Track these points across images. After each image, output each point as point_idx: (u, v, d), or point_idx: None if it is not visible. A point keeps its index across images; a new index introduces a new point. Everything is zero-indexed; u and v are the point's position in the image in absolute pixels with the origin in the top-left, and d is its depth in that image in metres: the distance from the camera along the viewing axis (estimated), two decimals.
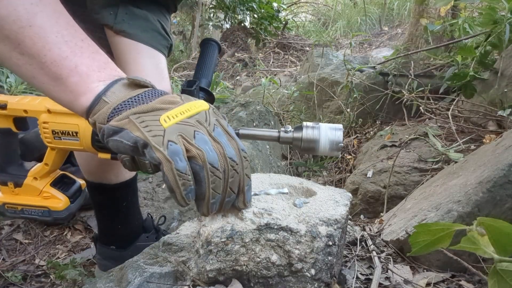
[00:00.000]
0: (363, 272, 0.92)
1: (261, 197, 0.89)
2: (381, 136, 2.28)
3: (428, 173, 1.71)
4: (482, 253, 0.63)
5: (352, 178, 1.97)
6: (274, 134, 0.71)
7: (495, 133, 1.79)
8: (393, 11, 6.82)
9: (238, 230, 0.75)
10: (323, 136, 0.69)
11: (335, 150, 0.69)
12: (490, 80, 2.00)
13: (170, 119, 0.57)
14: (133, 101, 0.59)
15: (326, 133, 0.69)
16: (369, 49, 5.39)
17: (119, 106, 0.58)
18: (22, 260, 1.52)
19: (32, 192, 0.78)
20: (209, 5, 6.23)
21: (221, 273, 0.76)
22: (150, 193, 1.78)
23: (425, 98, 2.34)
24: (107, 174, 1.18)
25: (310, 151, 0.71)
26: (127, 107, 0.58)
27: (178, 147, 0.54)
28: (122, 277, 0.86)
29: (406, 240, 0.99)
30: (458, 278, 0.91)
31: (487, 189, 0.96)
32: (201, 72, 0.85)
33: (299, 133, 0.69)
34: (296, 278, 0.74)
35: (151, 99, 0.59)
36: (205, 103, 0.61)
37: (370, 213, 1.81)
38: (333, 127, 0.70)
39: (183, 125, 0.57)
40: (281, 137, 0.70)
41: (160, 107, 0.58)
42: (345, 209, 0.84)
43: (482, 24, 2.09)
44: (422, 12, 3.07)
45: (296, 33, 6.50)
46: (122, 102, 0.58)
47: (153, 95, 0.60)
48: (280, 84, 3.44)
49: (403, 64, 2.69)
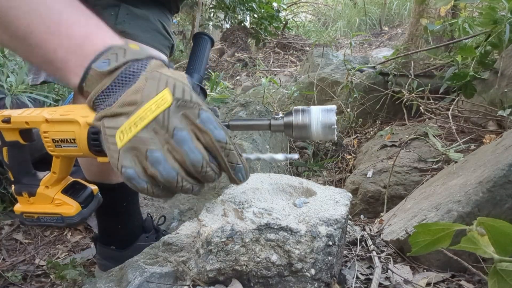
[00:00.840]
0: (363, 272, 0.92)
1: (261, 197, 0.89)
2: (381, 136, 2.28)
3: (428, 173, 1.71)
4: (482, 253, 0.63)
5: (352, 178, 1.97)
6: (264, 122, 0.67)
7: (495, 133, 1.79)
8: (393, 11, 6.82)
9: (238, 230, 0.75)
10: (314, 120, 0.64)
11: (329, 133, 0.65)
12: (490, 80, 2.00)
13: (124, 135, 0.53)
14: (102, 98, 0.56)
15: (317, 117, 0.64)
16: (369, 49, 5.39)
17: (95, 101, 0.57)
18: (22, 260, 1.52)
19: (45, 200, 0.80)
20: (209, 5, 6.23)
21: (221, 273, 0.76)
22: None
23: (425, 98, 2.34)
24: (107, 174, 1.18)
25: (303, 138, 0.67)
26: (99, 105, 0.57)
27: (132, 171, 0.52)
28: (122, 277, 0.86)
29: (406, 240, 0.99)
30: (458, 278, 0.91)
31: (487, 189, 0.96)
32: (192, 67, 0.83)
33: (289, 118, 0.65)
34: (296, 278, 0.74)
35: (116, 95, 0.55)
36: (168, 95, 0.53)
37: (370, 213, 1.81)
38: (325, 109, 0.65)
39: (136, 143, 0.52)
40: (272, 125, 0.66)
41: (119, 112, 0.54)
42: (345, 209, 0.84)
43: (482, 24, 2.09)
44: (422, 12, 3.07)
45: (296, 33, 6.50)
46: (95, 99, 0.57)
47: (118, 88, 0.55)
48: (280, 84, 3.44)
49: (403, 64, 2.69)
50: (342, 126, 2.68)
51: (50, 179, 0.78)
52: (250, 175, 1.08)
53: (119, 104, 0.54)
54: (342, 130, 2.67)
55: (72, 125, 0.69)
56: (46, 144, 0.72)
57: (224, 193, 0.91)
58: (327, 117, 0.64)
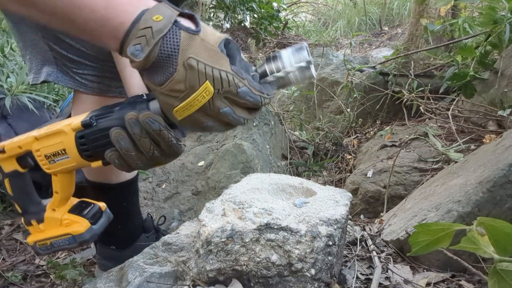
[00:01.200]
0: (363, 272, 0.92)
1: (261, 197, 0.89)
2: (381, 136, 2.28)
3: (428, 173, 1.71)
4: (482, 253, 0.63)
5: (352, 178, 1.97)
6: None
7: (495, 133, 1.79)
8: (393, 11, 6.82)
9: (238, 230, 0.75)
10: (288, 64, 0.62)
11: (307, 71, 0.63)
12: (490, 80, 2.00)
13: (179, 114, 0.61)
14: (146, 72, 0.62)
15: (289, 60, 0.62)
16: (369, 49, 5.39)
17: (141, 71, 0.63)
18: (22, 260, 1.52)
19: (54, 224, 0.80)
20: (209, 5, 6.23)
21: (221, 273, 0.76)
22: (150, 193, 1.78)
23: (425, 98, 2.34)
24: (107, 174, 1.18)
25: (284, 86, 0.66)
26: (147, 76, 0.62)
27: None
28: (122, 277, 0.86)
29: (406, 240, 0.99)
30: (458, 278, 0.91)
31: (487, 189, 0.96)
32: None
33: (262, 68, 0.64)
34: (296, 278, 0.74)
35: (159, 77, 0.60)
36: (209, 87, 0.59)
37: (370, 213, 1.81)
38: (295, 48, 0.63)
39: (192, 120, 0.62)
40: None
41: (170, 94, 0.61)
42: (345, 209, 0.84)
43: (482, 24, 2.09)
44: (422, 12, 3.07)
45: (296, 33, 6.50)
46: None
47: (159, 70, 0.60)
48: None
49: (403, 64, 2.69)
50: (342, 126, 2.68)
51: (55, 201, 0.79)
52: (250, 175, 1.08)
53: (168, 89, 0.60)
54: (342, 130, 2.67)
55: (59, 135, 0.70)
56: (40, 163, 0.73)
57: (224, 193, 0.91)
58: (300, 56, 0.62)
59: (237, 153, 1.75)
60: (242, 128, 1.92)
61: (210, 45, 0.60)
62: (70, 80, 1.03)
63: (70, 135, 0.68)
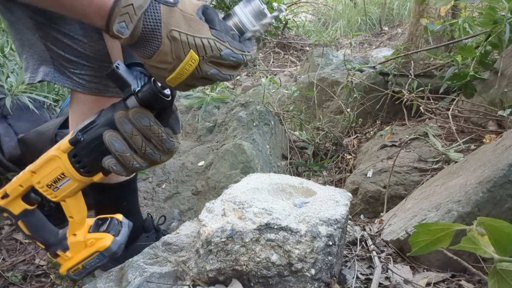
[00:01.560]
0: (363, 272, 0.92)
1: (261, 197, 0.89)
2: (381, 136, 2.28)
3: (428, 173, 1.71)
4: (482, 253, 0.63)
5: (352, 178, 1.97)
6: None
7: (495, 133, 1.79)
8: (393, 11, 6.81)
9: (238, 230, 0.75)
10: (242, 16, 0.66)
11: (262, 16, 0.66)
12: (490, 80, 2.00)
13: (172, 83, 0.65)
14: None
15: (243, 12, 0.66)
16: (369, 49, 5.39)
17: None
18: (22, 260, 1.52)
19: (80, 247, 0.82)
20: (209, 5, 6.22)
21: (221, 273, 0.76)
22: (150, 193, 1.78)
23: (425, 98, 2.34)
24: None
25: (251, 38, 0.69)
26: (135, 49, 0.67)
27: None
28: (122, 277, 0.86)
29: (406, 240, 0.99)
30: (458, 278, 0.91)
31: (487, 189, 0.96)
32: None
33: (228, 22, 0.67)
34: (296, 278, 0.74)
35: (146, 50, 0.64)
36: (194, 56, 0.63)
37: (370, 213, 1.81)
38: (245, 2, 0.66)
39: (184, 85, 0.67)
40: None
41: (159, 66, 0.64)
42: (345, 209, 0.84)
43: (482, 24, 2.09)
44: (422, 12, 3.06)
45: (296, 33, 6.49)
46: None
47: (145, 44, 0.64)
48: (280, 84, 3.44)
49: (403, 64, 2.69)
50: (342, 126, 2.68)
51: (72, 226, 0.81)
52: (250, 175, 1.08)
53: (157, 61, 0.64)
54: (342, 130, 2.67)
55: (53, 161, 0.71)
56: (45, 194, 0.75)
57: (224, 193, 0.91)
58: (252, 5, 0.65)
59: (237, 153, 1.75)
60: (242, 128, 1.92)
61: (189, 15, 0.63)
62: (67, 80, 1.02)
63: (63, 157, 0.70)
